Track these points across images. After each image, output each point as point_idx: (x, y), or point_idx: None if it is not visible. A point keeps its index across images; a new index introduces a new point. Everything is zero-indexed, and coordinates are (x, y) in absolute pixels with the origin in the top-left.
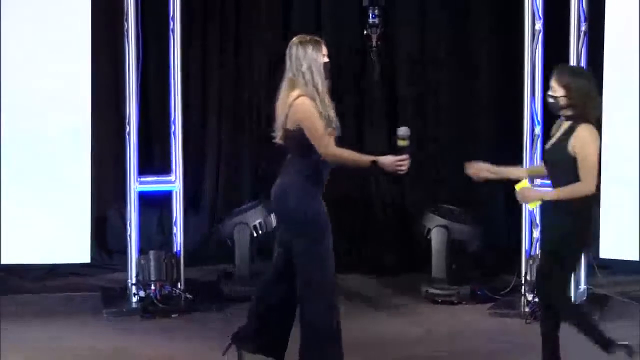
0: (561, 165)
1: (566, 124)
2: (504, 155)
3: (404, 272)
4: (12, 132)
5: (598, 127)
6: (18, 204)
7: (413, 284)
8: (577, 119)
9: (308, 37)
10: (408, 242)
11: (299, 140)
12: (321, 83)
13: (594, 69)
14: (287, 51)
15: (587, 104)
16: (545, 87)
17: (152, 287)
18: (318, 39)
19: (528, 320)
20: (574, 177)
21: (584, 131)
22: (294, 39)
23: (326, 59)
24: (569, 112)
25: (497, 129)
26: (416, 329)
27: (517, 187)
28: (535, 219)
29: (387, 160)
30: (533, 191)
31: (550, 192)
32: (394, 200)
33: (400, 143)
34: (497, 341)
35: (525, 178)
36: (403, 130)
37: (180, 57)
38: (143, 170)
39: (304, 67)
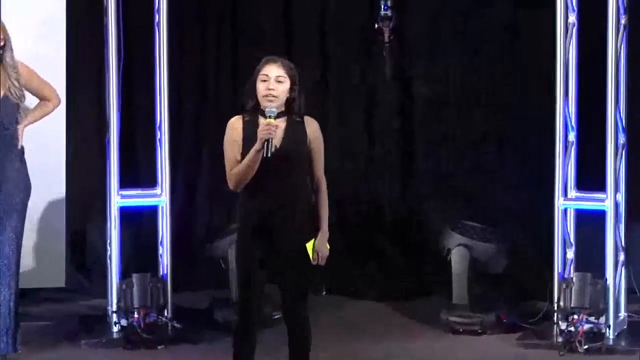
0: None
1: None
2: (530, 163)
3: (419, 297)
4: None
5: None
6: None
7: (430, 311)
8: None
9: None
10: (424, 263)
11: None
12: None
13: (633, 65)
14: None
15: None
16: (580, 87)
17: (136, 315)
18: None
19: (561, 352)
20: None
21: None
22: None
23: None
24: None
25: (523, 134)
26: None
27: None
28: (569, 237)
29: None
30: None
31: None
32: (408, 216)
33: (269, 120)
34: None
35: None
36: (268, 110)
37: (167, 55)
38: (125, 183)
39: None
